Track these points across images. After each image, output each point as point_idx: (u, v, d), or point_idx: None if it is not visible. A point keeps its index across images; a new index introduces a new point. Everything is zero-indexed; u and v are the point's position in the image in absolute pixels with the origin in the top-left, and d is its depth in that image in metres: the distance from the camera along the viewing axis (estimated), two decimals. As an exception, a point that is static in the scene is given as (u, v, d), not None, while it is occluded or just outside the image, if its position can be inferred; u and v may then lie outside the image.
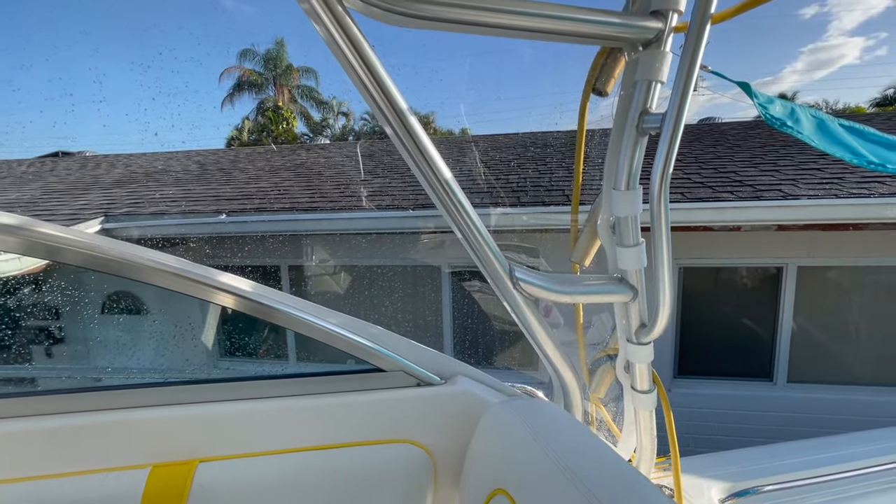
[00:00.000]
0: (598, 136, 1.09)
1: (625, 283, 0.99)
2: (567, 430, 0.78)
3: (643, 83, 0.86)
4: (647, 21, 0.82)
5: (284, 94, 25.15)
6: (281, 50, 24.21)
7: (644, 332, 1.01)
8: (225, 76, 24.33)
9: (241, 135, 25.17)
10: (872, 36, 72.05)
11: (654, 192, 0.85)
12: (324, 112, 28.07)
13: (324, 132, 28.15)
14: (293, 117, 25.37)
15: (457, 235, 0.93)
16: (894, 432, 2.03)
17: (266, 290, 0.87)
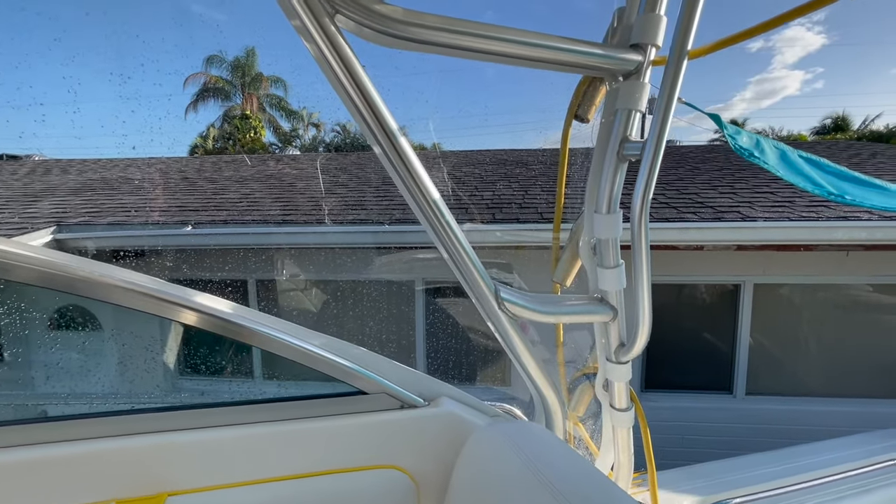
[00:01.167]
0: (579, 157, 1.13)
1: (605, 304, 1.01)
2: (555, 452, 0.78)
3: (623, 112, 0.89)
4: (627, 54, 0.85)
5: (253, 102, 24.66)
6: (251, 58, 23.80)
7: (623, 351, 1.03)
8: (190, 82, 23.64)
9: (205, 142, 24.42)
10: (811, 70, 78.68)
11: (635, 215, 0.88)
12: (293, 122, 27.67)
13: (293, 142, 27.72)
14: (261, 126, 24.88)
15: (443, 255, 0.93)
16: (849, 442, 2.15)
17: (240, 308, 0.83)
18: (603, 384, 1.14)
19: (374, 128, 0.77)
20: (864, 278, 3.42)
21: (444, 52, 0.80)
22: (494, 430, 0.88)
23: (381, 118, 0.76)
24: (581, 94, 0.98)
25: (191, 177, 5.51)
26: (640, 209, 0.87)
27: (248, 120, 23.75)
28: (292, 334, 0.84)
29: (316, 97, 40.38)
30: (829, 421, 3.45)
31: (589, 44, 0.85)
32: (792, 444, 3.75)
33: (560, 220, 1.09)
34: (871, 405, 3.56)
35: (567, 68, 0.89)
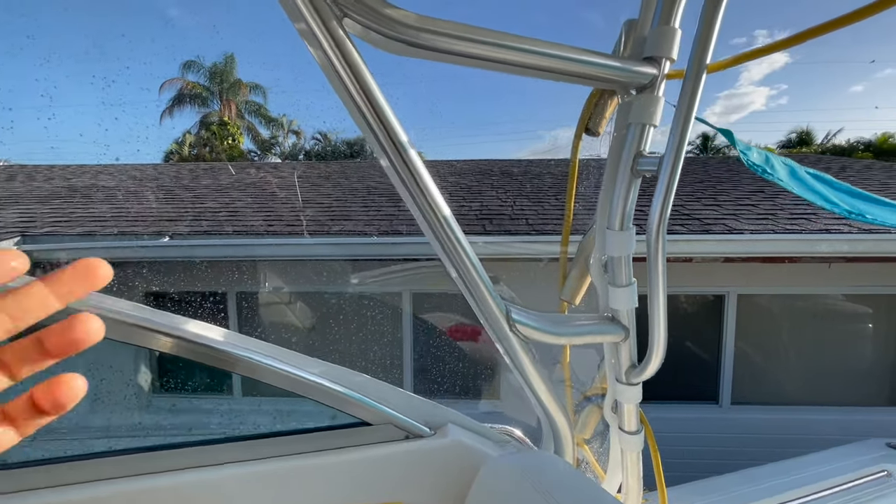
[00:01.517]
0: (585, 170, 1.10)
1: (616, 323, 0.97)
2: (574, 485, 0.73)
3: (637, 126, 0.86)
4: (642, 66, 0.83)
5: (231, 108, 24.26)
6: (230, 64, 23.45)
7: (635, 372, 0.99)
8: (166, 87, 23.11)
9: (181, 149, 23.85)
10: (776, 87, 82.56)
11: (652, 232, 0.85)
12: (273, 129, 27.32)
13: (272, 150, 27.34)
14: (240, 133, 24.50)
15: (451, 273, 0.87)
16: (839, 453, 2.17)
17: (230, 335, 0.76)
18: (612, 406, 1.10)
19: (382, 139, 0.72)
20: (845, 289, 3.51)
21: (456, 60, 0.76)
22: (507, 462, 0.83)
23: (391, 129, 0.71)
24: (592, 107, 0.95)
25: (167, 185, 5.32)
26: (657, 226, 0.84)
27: (226, 126, 23.34)
28: (288, 362, 0.78)
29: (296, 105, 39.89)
30: (813, 429, 3.50)
31: (603, 55, 0.82)
32: (778, 452, 3.80)
33: (568, 237, 1.06)
34: (854, 413, 3.64)
35: (580, 80, 0.85)
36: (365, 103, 0.69)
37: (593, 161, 1.06)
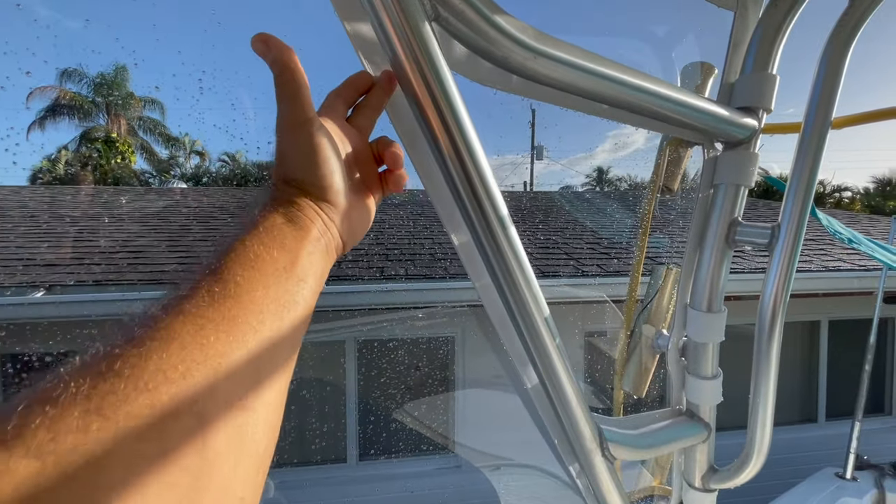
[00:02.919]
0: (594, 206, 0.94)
1: (697, 421, 0.79)
2: None
3: (730, 188, 0.71)
4: (741, 118, 0.68)
5: (121, 124, 21.64)
6: (121, 76, 21.01)
7: (716, 478, 0.82)
8: (35, 96, 19.94)
9: (54, 167, 20.61)
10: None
11: (766, 316, 0.69)
12: (172, 149, 24.85)
13: (171, 171, 24.77)
14: (131, 151, 21.85)
15: (529, 382, 0.64)
16: (801, 493, 2.22)
17: None
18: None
19: (472, 211, 0.47)
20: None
21: (555, 99, 0.55)
22: None
23: (491, 200, 0.46)
24: (665, 160, 0.79)
25: (38, 212, 4.34)
26: (772, 310, 0.68)
27: (115, 144, 20.67)
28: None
29: (201, 124, 37.17)
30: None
31: (704, 99, 0.66)
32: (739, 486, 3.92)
33: (632, 314, 0.87)
34: (785, 432, 3.94)
35: (664, 126, 0.69)
36: (456, 165, 0.44)
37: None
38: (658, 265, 0.93)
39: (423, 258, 3.27)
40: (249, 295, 0.26)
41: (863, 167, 55.51)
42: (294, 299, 0.30)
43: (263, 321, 0.26)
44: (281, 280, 0.29)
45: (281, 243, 0.31)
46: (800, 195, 0.67)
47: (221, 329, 0.24)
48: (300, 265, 0.31)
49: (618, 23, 74.13)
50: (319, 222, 0.35)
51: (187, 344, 0.22)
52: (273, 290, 0.28)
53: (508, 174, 31.93)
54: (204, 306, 0.24)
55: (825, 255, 3.62)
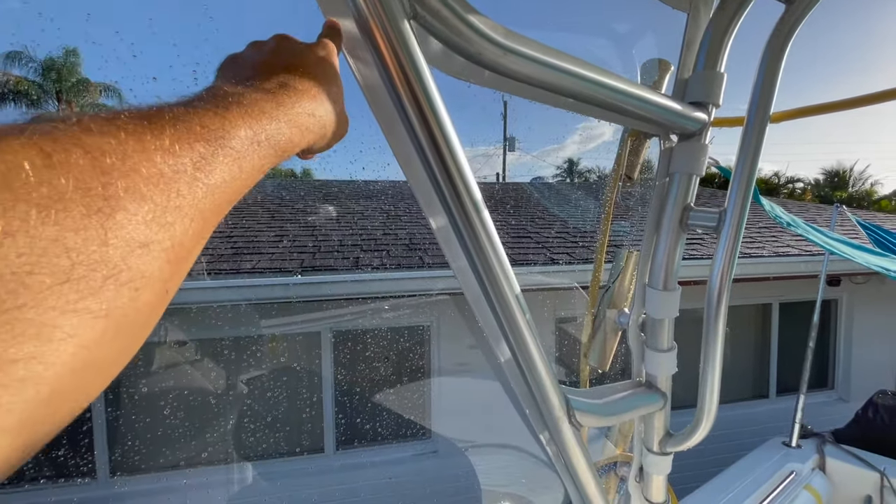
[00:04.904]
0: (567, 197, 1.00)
1: (655, 390, 0.87)
2: None
3: (683, 176, 0.78)
4: (693, 111, 0.74)
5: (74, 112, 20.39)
6: (72, 59, 19.79)
7: (672, 441, 0.90)
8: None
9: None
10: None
11: (714, 293, 0.76)
12: (131, 138, 23.67)
13: (130, 162, 23.59)
14: (85, 141, 20.65)
15: (500, 357, 0.68)
16: (753, 460, 2.39)
17: None
18: (636, 476, 0.99)
19: (447, 194, 0.51)
20: (734, 301, 4.05)
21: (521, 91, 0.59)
22: None
23: (464, 182, 0.50)
24: (626, 151, 0.85)
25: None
26: (719, 287, 0.75)
27: (67, 132, 19.49)
28: None
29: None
30: (716, 426, 3.93)
31: (659, 94, 0.72)
32: (693, 451, 4.15)
33: (596, 294, 0.94)
34: (739, 408, 4.22)
35: (623, 119, 0.75)
36: (432, 148, 0.48)
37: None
38: (620, 249, 1.00)
39: (397, 248, 3.29)
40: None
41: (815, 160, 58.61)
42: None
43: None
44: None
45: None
46: (743, 182, 0.74)
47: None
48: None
49: (583, 22, 75.16)
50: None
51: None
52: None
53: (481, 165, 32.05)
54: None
55: (776, 242, 3.87)
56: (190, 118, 0.26)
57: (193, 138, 0.25)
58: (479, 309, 0.64)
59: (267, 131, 0.31)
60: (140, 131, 0.23)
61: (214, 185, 0.26)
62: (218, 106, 0.29)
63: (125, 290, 0.20)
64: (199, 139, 0.26)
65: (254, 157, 0.29)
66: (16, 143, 0.18)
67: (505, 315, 0.61)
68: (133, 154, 0.21)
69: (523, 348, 0.65)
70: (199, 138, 0.26)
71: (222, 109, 0.29)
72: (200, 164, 0.25)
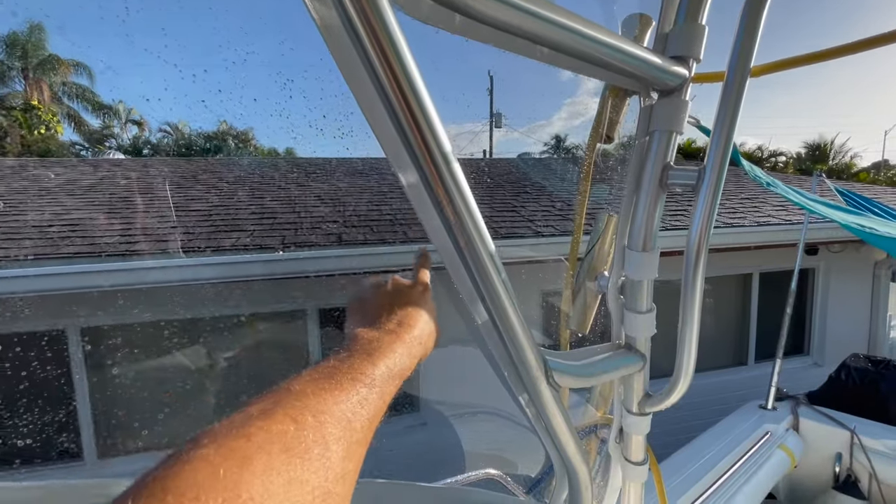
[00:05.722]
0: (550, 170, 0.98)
1: (634, 352, 0.87)
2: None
3: (663, 134, 0.76)
4: (674, 66, 0.72)
5: (43, 90, 19.54)
6: (37, 35, 18.81)
7: (650, 402, 0.91)
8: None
9: (-35, 139, 18.48)
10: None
11: (692, 252, 0.76)
12: (105, 118, 22.82)
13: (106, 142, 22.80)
14: (57, 121, 19.87)
15: (479, 318, 0.68)
16: (731, 423, 2.47)
17: None
18: (616, 437, 1.01)
19: (415, 145, 0.49)
20: (717, 272, 4.14)
21: (497, 40, 0.56)
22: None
23: (432, 131, 0.48)
24: (608, 108, 0.83)
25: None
26: (697, 245, 0.75)
27: (36, 112, 18.70)
28: None
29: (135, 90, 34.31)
30: (690, 393, 4.05)
31: (640, 47, 0.69)
32: (675, 416, 4.27)
33: (576, 258, 0.93)
34: (719, 375, 4.36)
35: (603, 72, 0.72)
36: (398, 97, 0.45)
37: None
38: (601, 213, 0.99)
39: (381, 224, 3.25)
40: None
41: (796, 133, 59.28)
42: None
43: None
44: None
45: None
46: (722, 139, 0.72)
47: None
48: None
49: (567, -24, 73.91)
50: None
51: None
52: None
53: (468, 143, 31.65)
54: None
55: (757, 212, 3.92)
56: (353, 369, 0.37)
57: (358, 384, 0.36)
58: (454, 270, 0.63)
59: (397, 365, 0.43)
60: (329, 387, 0.34)
61: (369, 416, 0.35)
62: (366, 353, 0.41)
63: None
64: (360, 383, 0.36)
65: (389, 386, 0.40)
66: (280, 414, 0.28)
67: (480, 275, 0.60)
68: (332, 406, 0.32)
69: (500, 309, 0.64)
70: (360, 383, 0.36)
71: (368, 355, 0.41)
72: (363, 402, 0.35)
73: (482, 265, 0.59)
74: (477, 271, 0.60)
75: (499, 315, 0.64)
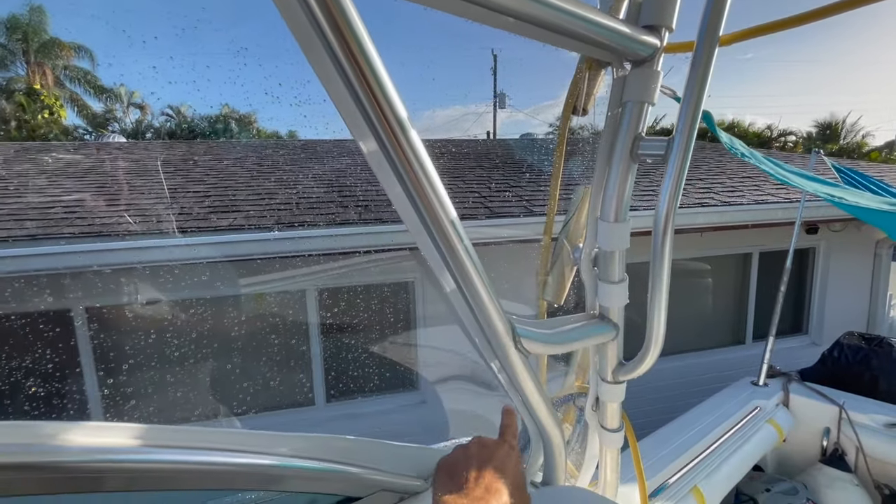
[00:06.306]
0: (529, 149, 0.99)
1: (607, 322, 0.90)
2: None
3: (635, 105, 0.77)
4: (645, 36, 0.72)
5: (46, 74, 19.46)
6: (38, 17, 18.62)
7: (624, 370, 0.93)
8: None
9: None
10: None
11: (660, 222, 0.77)
12: (108, 102, 22.73)
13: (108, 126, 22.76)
14: (60, 105, 19.82)
15: (445, 288, 0.70)
16: (722, 397, 2.50)
17: (135, 431, 0.46)
18: (592, 405, 1.04)
19: (371, 112, 0.50)
20: (708, 251, 4.14)
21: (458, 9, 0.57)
22: None
23: (387, 98, 0.49)
24: (582, 81, 0.83)
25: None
26: (665, 216, 0.76)
27: (39, 96, 18.65)
28: (229, 449, 0.52)
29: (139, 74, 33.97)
30: (688, 372, 4.12)
31: (608, 17, 0.69)
32: (664, 397, 4.31)
33: (552, 230, 0.94)
34: (717, 354, 4.40)
35: (576, 43, 0.72)
36: (349, 57, 0.46)
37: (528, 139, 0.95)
38: (578, 186, 1.00)
39: (378, 203, 3.27)
40: None
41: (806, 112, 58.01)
42: None
43: None
44: None
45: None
46: (691, 108, 0.73)
47: None
48: None
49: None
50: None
51: None
52: None
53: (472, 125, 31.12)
54: None
55: (757, 191, 3.89)
56: None
57: None
58: (420, 239, 0.64)
59: None
60: None
61: None
62: None
63: None
64: None
65: None
66: None
67: (443, 242, 0.62)
68: None
69: (465, 276, 0.66)
70: None
71: None
72: None
73: (445, 232, 0.60)
74: (440, 238, 0.61)
75: (465, 282, 0.66)
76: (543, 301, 0.98)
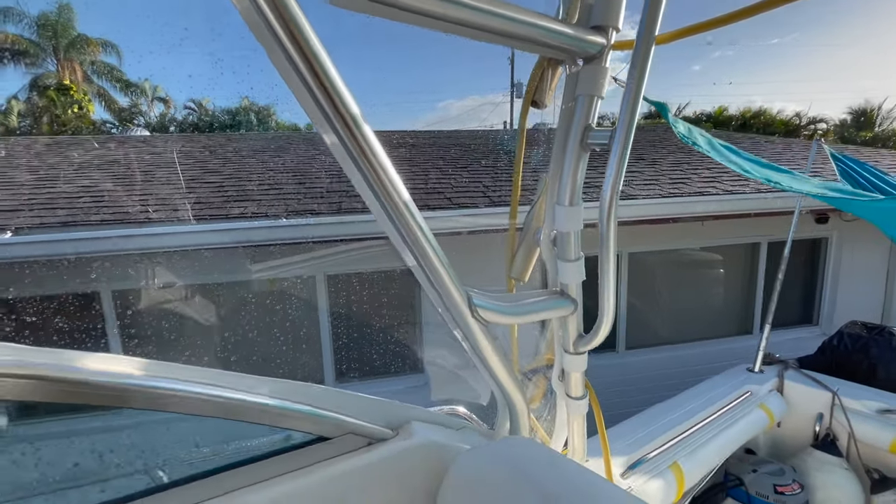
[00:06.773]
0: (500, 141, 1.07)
1: (566, 297, 0.98)
2: (556, 465, 0.73)
3: (585, 98, 0.85)
4: (592, 35, 0.80)
5: (75, 70, 20.13)
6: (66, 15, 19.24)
7: (583, 341, 1.02)
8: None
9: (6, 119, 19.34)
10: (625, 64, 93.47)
11: (605, 206, 0.85)
12: (133, 96, 23.38)
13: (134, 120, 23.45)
14: (88, 100, 20.50)
15: (408, 262, 0.80)
16: (715, 382, 2.55)
17: (128, 363, 0.58)
18: (559, 375, 1.13)
19: (328, 110, 0.60)
20: (716, 241, 4.13)
21: (405, 17, 0.65)
22: (482, 453, 0.80)
23: (339, 97, 0.59)
24: (538, 78, 0.91)
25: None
26: (609, 199, 0.84)
27: (69, 92, 19.33)
28: (217, 384, 0.64)
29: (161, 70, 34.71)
30: (694, 361, 4.15)
31: (556, 21, 0.78)
32: (669, 385, 4.34)
33: (516, 214, 1.03)
34: (723, 343, 4.41)
35: (530, 46, 0.81)
36: (305, 63, 0.56)
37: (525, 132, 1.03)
38: (543, 174, 1.08)
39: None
40: None
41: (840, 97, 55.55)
42: None
43: None
44: None
45: None
46: (631, 100, 0.81)
47: None
48: None
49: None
50: None
51: None
52: None
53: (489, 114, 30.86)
54: None
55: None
56: None
57: None
58: (382, 222, 0.74)
59: None
60: None
61: None
62: None
63: None
64: None
65: None
66: None
67: (400, 221, 0.72)
68: None
69: (422, 252, 0.75)
70: None
71: None
72: None
73: (400, 212, 0.70)
74: (397, 219, 0.71)
75: (422, 257, 0.76)
76: (511, 279, 1.07)
